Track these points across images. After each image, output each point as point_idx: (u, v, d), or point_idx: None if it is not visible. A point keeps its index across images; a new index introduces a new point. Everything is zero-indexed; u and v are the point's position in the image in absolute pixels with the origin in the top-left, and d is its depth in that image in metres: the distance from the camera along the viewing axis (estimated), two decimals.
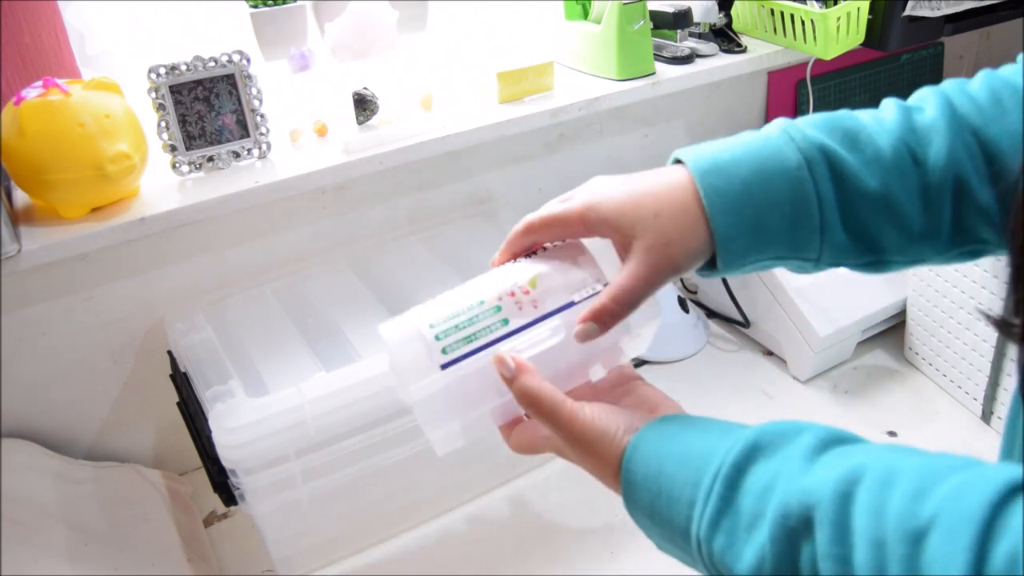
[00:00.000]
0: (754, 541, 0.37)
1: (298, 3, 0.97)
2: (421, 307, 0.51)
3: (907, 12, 1.09)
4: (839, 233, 0.49)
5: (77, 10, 0.93)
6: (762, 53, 1.12)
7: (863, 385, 1.03)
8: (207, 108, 0.87)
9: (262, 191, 0.87)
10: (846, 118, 0.50)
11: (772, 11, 1.11)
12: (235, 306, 0.92)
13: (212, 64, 0.85)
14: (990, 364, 0.92)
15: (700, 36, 1.12)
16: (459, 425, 0.50)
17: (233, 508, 0.84)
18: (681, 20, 1.06)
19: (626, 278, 0.48)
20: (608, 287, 0.49)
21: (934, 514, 0.31)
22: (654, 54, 1.06)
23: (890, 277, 1.05)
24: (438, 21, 1.08)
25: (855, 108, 0.51)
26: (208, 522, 0.91)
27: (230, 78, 0.87)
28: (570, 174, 1.13)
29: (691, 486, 0.41)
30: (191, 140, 0.87)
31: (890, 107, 0.51)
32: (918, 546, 0.31)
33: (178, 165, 0.87)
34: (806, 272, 0.51)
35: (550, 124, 1.02)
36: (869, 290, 1.04)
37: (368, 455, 0.77)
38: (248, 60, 0.87)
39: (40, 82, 0.77)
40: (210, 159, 0.88)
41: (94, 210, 0.82)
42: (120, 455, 0.95)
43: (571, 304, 0.51)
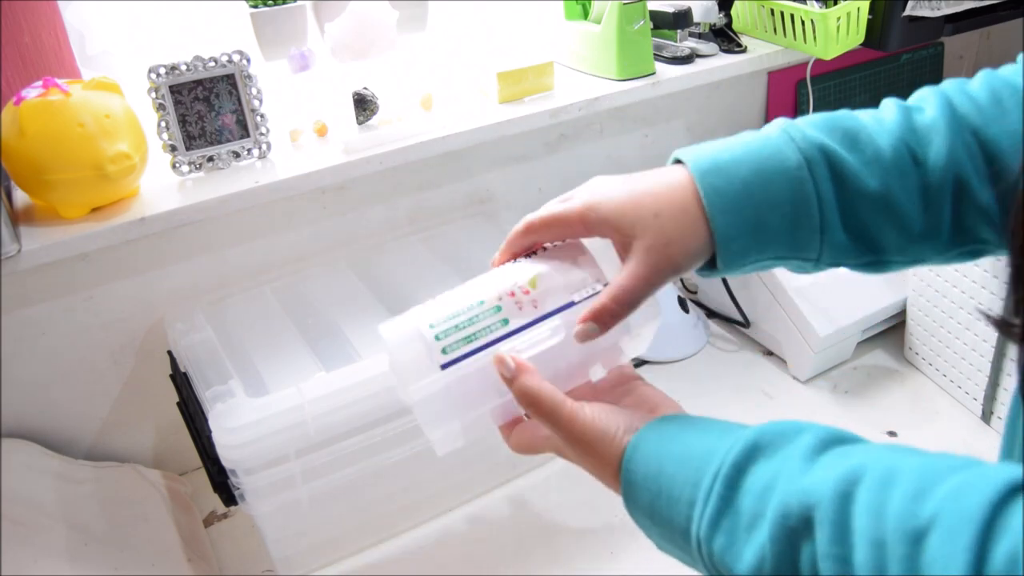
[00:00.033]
0: (754, 541, 0.37)
1: (298, 3, 0.97)
2: (421, 307, 0.51)
3: (907, 12, 1.09)
4: (839, 233, 0.48)
5: (77, 10, 0.93)
6: (762, 53, 1.12)
7: (863, 385, 1.03)
8: (207, 108, 0.87)
9: (262, 191, 0.87)
10: (846, 118, 0.50)
11: (772, 11, 1.11)
12: (235, 306, 0.92)
13: (212, 64, 0.85)
14: (990, 364, 0.92)
15: (700, 36, 1.12)
16: (459, 425, 0.50)
17: (233, 508, 0.84)
18: (681, 20, 1.06)
19: (626, 278, 0.48)
20: (608, 287, 0.49)
21: (934, 514, 0.31)
22: (654, 54, 1.06)
23: (890, 277, 1.05)
24: (438, 21, 1.08)
25: (855, 108, 0.51)
26: (208, 522, 0.91)
27: (230, 78, 0.87)
28: (570, 174, 1.13)
29: (691, 486, 0.41)
30: (191, 140, 0.87)
31: (890, 107, 0.51)
32: (918, 546, 0.31)
33: (178, 165, 0.87)
34: (806, 272, 0.51)
35: (550, 124, 1.02)
36: (869, 290, 1.04)
37: (368, 455, 0.77)
38: (248, 60, 0.87)
39: (40, 82, 0.77)
40: (210, 159, 0.88)
41: (94, 210, 0.82)
42: (120, 455, 0.95)
43: (571, 304, 0.50)
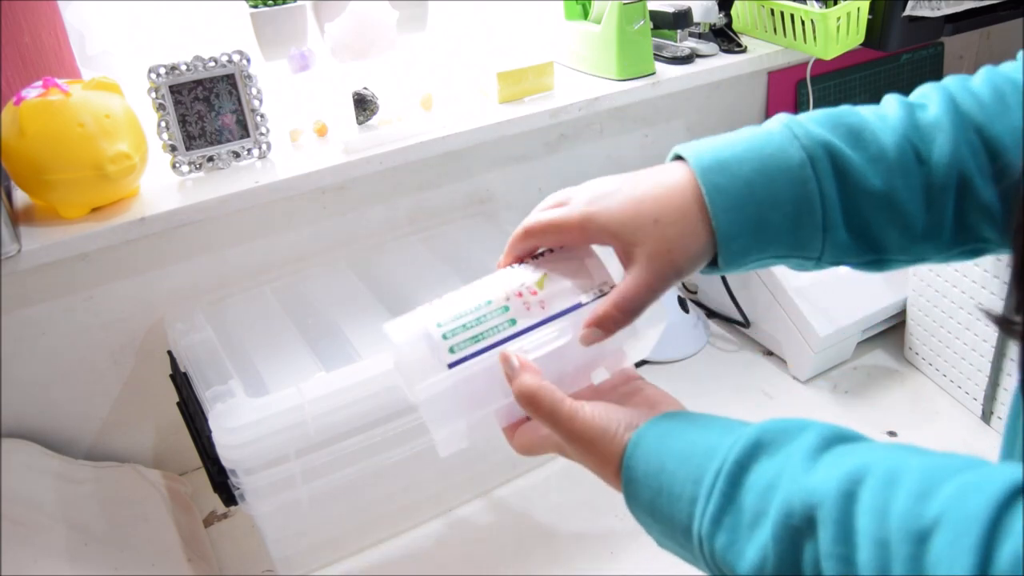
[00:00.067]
0: (756, 539, 0.37)
1: (298, 3, 0.97)
2: (427, 306, 0.51)
3: (907, 12, 1.09)
4: (841, 232, 0.48)
5: (77, 10, 0.93)
6: (762, 53, 1.12)
7: (863, 385, 1.03)
8: (207, 108, 0.87)
9: (262, 191, 0.86)
10: (849, 114, 0.49)
11: (772, 11, 1.11)
12: (235, 306, 0.92)
13: (212, 64, 0.85)
14: (990, 364, 0.92)
15: (700, 36, 1.12)
16: (464, 424, 0.50)
17: (233, 508, 0.84)
18: (681, 20, 1.06)
19: (629, 285, 0.48)
20: (611, 294, 0.49)
21: (938, 514, 0.31)
22: (654, 54, 1.06)
23: (890, 277, 1.05)
24: (438, 21, 1.08)
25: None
26: (208, 522, 0.91)
27: (230, 78, 0.87)
28: (570, 174, 1.13)
29: (693, 483, 0.41)
30: (191, 140, 0.87)
31: (892, 103, 0.50)
32: (922, 546, 0.31)
33: (178, 165, 0.87)
34: (806, 270, 0.51)
35: (550, 124, 1.02)
36: (869, 290, 1.04)
37: (368, 455, 0.77)
38: (248, 60, 0.87)
39: (40, 82, 0.77)
40: (210, 159, 0.88)
41: (94, 210, 0.82)
42: (120, 455, 0.95)
43: (579, 306, 0.51)
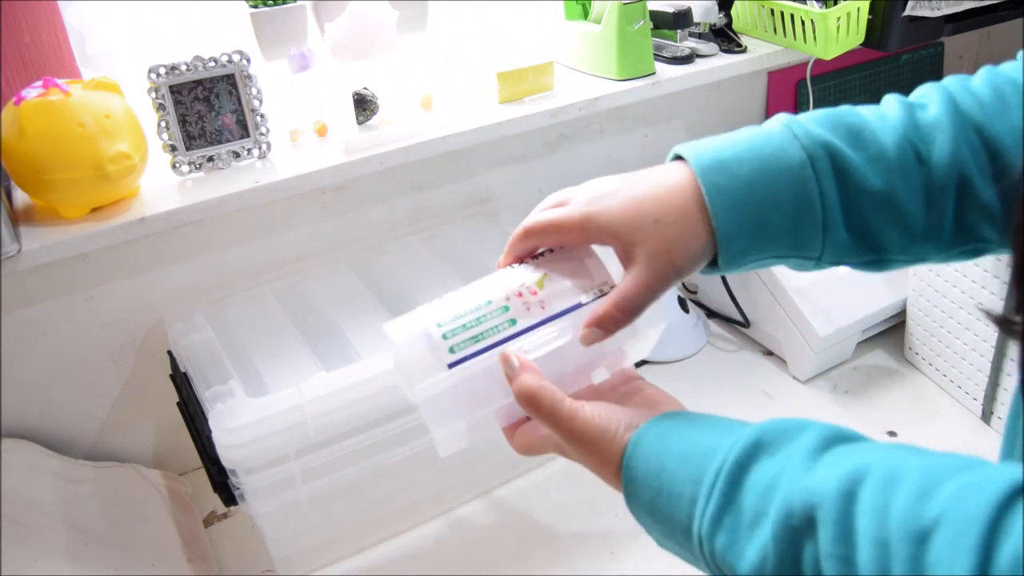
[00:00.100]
0: (756, 540, 0.37)
1: (298, 3, 0.97)
2: (427, 306, 0.51)
3: (907, 12, 1.09)
4: (842, 233, 0.48)
5: (77, 10, 0.93)
6: (762, 53, 1.12)
7: (863, 385, 1.03)
8: (207, 108, 0.87)
9: (262, 191, 0.86)
10: (849, 114, 0.49)
11: (772, 11, 1.11)
12: (235, 306, 0.92)
13: (212, 64, 0.85)
14: (990, 364, 0.92)
15: (700, 36, 1.12)
16: (464, 424, 0.50)
17: (233, 508, 0.84)
18: (681, 20, 1.06)
19: (629, 286, 0.48)
20: (611, 294, 0.49)
21: (939, 514, 0.31)
22: (654, 54, 1.06)
23: (890, 277, 1.05)
24: (438, 21, 1.08)
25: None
26: (208, 522, 0.91)
27: (230, 78, 0.87)
28: (570, 174, 1.13)
29: (693, 483, 0.41)
30: (191, 140, 0.87)
31: (892, 103, 0.50)
32: (922, 546, 0.31)
33: (178, 165, 0.87)
34: (806, 270, 0.51)
35: (550, 124, 1.02)
36: (869, 290, 1.04)
37: (368, 455, 0.77)
38: (248, 60, 0.87)
39: (40, 82, 0.77)
40: (210, 159, 0.88)
41: (94, 210, 0.82)
42: (120, 455, 0.95)
43: (579, 306, 0.50)
